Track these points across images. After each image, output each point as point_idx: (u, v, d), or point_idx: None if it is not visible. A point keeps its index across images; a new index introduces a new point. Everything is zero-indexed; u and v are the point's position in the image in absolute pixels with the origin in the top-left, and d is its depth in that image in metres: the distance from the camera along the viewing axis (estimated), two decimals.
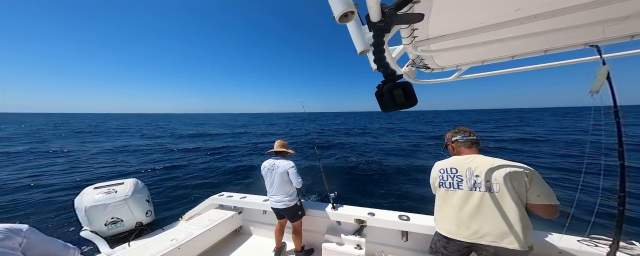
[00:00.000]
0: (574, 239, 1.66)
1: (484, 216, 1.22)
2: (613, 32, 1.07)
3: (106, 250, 2.11)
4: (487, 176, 1.25)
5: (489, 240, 1.19)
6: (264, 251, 2.55)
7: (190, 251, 2.28)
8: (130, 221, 2.40)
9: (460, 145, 1.45)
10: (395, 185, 6.41)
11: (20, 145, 15.45)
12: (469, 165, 1.32)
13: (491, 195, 1.22)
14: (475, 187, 1.26)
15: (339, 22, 0.64)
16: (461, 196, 1.30)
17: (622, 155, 1.18)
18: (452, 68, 1.62)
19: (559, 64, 1.44)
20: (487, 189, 1.23)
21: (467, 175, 1.30)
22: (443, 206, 1.39)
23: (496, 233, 1.18)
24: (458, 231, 1.28)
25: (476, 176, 1.27)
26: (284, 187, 2.23)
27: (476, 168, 1.29)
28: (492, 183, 1.22)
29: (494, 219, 1.20)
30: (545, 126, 23.68)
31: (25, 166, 9.37)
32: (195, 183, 7.35)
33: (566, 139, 13.16)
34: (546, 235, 1.73)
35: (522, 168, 1.22)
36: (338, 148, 13.29)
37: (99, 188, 2.39)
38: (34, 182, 7.16)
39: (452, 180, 1.35)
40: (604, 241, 1.57)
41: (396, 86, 0.68)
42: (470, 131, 1.47)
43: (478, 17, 0.95)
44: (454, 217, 1.31)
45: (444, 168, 1.41)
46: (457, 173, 1.34)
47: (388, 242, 2.24)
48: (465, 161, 1.35)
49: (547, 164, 8.41)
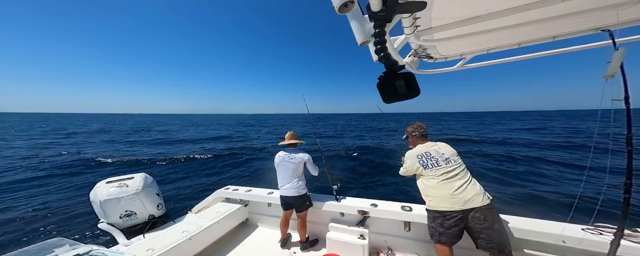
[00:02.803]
0: (578, 228, 1.66)
1: (463, 185, 1.56)
2: (627, 16, 1.02)
3: (123, 241, 2.22)
4: (446, 154, 1.74)
5: (477, 201, 1.49)
6: (269, 242, 2.63)
7: (201, 242, 2.38)
8: (143, 214, 2.51)
9: (417, 138, 1.95)
10: (397, 176, 6.44)
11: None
12: (433, 148, 1.81)
13: (458, 165, 1.66)
14: (447, 162, 1.68)
15: (339, 12, 0.63)
16: (443, 172, 1.65)
17: (630, 141, 1.16)
18: (456, 57, 1.58)
19: (569, 49, 1.39)
20: (454, 162, 1.68)
21: (437, 155, 1.74)
22: (432, 185, 1.66)
23: (476, 194, 1.52)
24: (453, 203, 1.53)
25: (442, 154, 1.74)
26: (298, 176, 2.35)
27: (440, 149, 1.79)
28: (451, 157, 1.71)
29: (470, 184, 1.57)
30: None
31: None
32: (200, 177, 7.53)
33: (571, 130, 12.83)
34: (550, 224, 1.72)
35: (445, 143, 1.84)
36: (341, 143, 13.32)
37: (111, 182, 2.49)
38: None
39: (431, 160, 1.73)
40: (608, 229, 1.56)
41: (398, 77, 0.67)
42: (423, 126, 1.97)
43: (483, 4, 0.91)
44: (446, 192, 1.58)
45: (421, 153, 1.80)
46: (431, 155, 1.76)
47: (391, 232, 2.28)
48: (429, 146, 1.84)
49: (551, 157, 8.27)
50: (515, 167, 7.59)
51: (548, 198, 4.63)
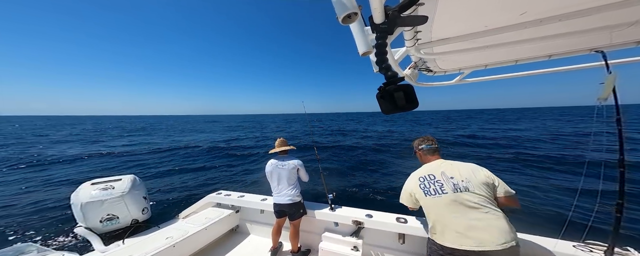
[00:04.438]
0: (570, 244, 1.66)
1: (481, 219, 1.23)
2: (620, 38, 1.06)
3: (100, 247, 2.09)
4: (459, 177, 1.34)
5: (499, 243, 1.18)
6: (260, 250, 2.54)
7: (185, 249, 2.27)
8: (126, 218, 2.39)
9: (425, 153, 1.58)
10: (393, 186, 6.42)
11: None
12: (442, 169, 1.41)
13: (472, 194, 1.27)
14: (456, 189, 1.31)
15: (342, 23, 0.63)
16: (449, 200, 1.31)
17: (622, 163, 1.18)
18: (454, 71, 1.60)
19: (563, 69, 1.43)
20: (465, 189, 1.29)
21: (443, 178, 1.37)
22: (438, 216, 1.36)
23: (500, 235, 1.19)
24: (462, 242, 1.25)
25: (451, 178, 1.35)
26: (292, 184, 2.30)
27: (446, 171, 1.39)
28: (466, 183, 1.30)
29: (492, 220, 1.22)
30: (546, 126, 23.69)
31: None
32: (192, 181, 7.33)
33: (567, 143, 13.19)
34: (542, 241, 1.72)
35: (477, 167, 1.38)
36: (337, 150, 13.30)
37: (96, 184, 2.37)
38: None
39: (434, 185, 1.39)
40: (599, 246, 1.56)
41: (397, 88, 0.67)
42: (432, 139, 1.61)
43: (483, 21, 0.93)
44: (455, 226, 1.29)
45: (423, 176, 1.45)
46: (435, 178, 1.40)
47: (385, 244, 2.23)
48: (436, 166, 1.45)
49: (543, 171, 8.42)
50: (508, 176, 7.68)
51: (540, 212, 4.69)
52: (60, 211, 4.67)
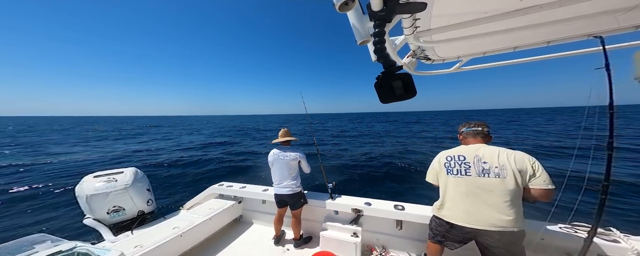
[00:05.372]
0: (556, 226, 1.75)
1: (492, 203, 1.25)
2: (618, 23, 1.05)
3: (110, 237, 2.16)
4: (494, 163, 1.29)
5: (498, 226, 1.23)
6: (263, 239, 2.63)
7: (192, 239, 2.35)
8: (132, 209, 2.44)
9: (466, 136, 1.52)
10: (392, 176, 6.54)
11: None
12: (476, 152, 1.37)
13: (499, 181, 1.25)
14: (483, 173, 1.30)
15: (339, 10, 0.62)
16: (470, 182, 1.32)
17: (611, 145, 1.21)
18: (453, 59, 1.59)
19: (562, 55, 1.42)
20: (495, 175, 1.27)
21: (474, 161, 1.34)
22: (451, 193, 1.40)
23: (503, 219, 1.22)
24: (468, 219, 1.30)
25: (484, 162, 1.31)
26: (292, 174, 2.32)
27: (484, 156, 1.33)
28: (500, 169, 1.26)
29: (501, 206, 1.24)
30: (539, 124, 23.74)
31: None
32: (195, 173, 7.43)
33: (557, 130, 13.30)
34: (530, 222, 1.80)
35: (524, 156, 1.29)
36: (337, 143, 13.37)
37: (99, 177, 2.40)
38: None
39: (460, 167, 1.38)
40: (583, 227, 1.65)
41: (396, 77, 0.67)
42: (479, 123, 1.53)
43: (482, 7, 0.92)
44: (462, 204, 1.34)
45: (452, 155, 1.44)
46: (465, 160, 1.38)
47: (383, 231, 2.31)
48: (472, 149, 1.41)
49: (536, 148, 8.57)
50: None
51: None
52: (70, 203, 4.76)
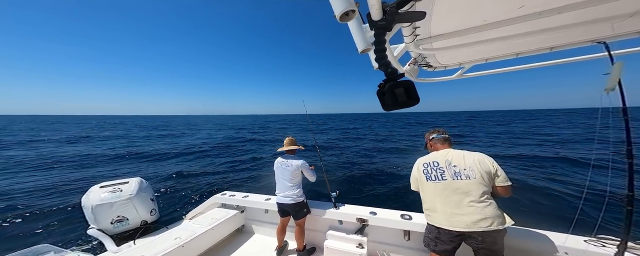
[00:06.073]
0: (581, 239, 1.63)
1: (469, 205, 1.34)
2: (622, 28, 1.04)
3: (112, 247, 2.15)
4: (462, 165, 1.43)
5: (481, 226, 1.30)
6: (266, 249, 2.56)
7: (194, 249, 2.31)
8: (135, 219, 2.44)
9: (436, 142, 1.67)
10: (396, 184, 6.39)
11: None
12: (446, 157, 1.51)
13: (470, 182, 1.37)
14: (456, 176, 1.42)
15: (340, 20, 0.64)
16: (446, 186, 1.43)
17: (630, 153, 1.16)
18: (454, 66, 1.60)
19: (565, 61, 1.41)
20: (466, 177, 1.39)
21: (446, 166, 1.47)
22: (432, 199, 1.49)
23: (483, 219, 1.31)
24: (451, 222, 1.38)
25: (454, 166, 1.45)
26: (294, 184, 2.29)
27: (453, 160, 1.47)
28: (468, 171, 1.40)
29: (479, 206, 1.33)
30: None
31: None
32: (199, 182, 7.42)
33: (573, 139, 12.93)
34: (551, 235, 1.70)
35: (484, 157, 1.45)
36: (339, 148, 13.29)
37: (104, 187, 2.43)
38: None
39: (436, 172, 1.49)
40: (611, 241, 1.53)
41: (398, 85, 0.67)
42: (443, 130, 1.70)
43: (481, 15, 0.93)
44: (445, 208, 1.42)
45: (427, 162, 1.56)
46: (439, 165, 1.50)
47: (390, 241, 2.23)
48: (443, 154, 1.55)
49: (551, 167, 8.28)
50: (511, 172, 7.57)
51: (548, 206, 4.61)
52: (75, 213, 4.78)
